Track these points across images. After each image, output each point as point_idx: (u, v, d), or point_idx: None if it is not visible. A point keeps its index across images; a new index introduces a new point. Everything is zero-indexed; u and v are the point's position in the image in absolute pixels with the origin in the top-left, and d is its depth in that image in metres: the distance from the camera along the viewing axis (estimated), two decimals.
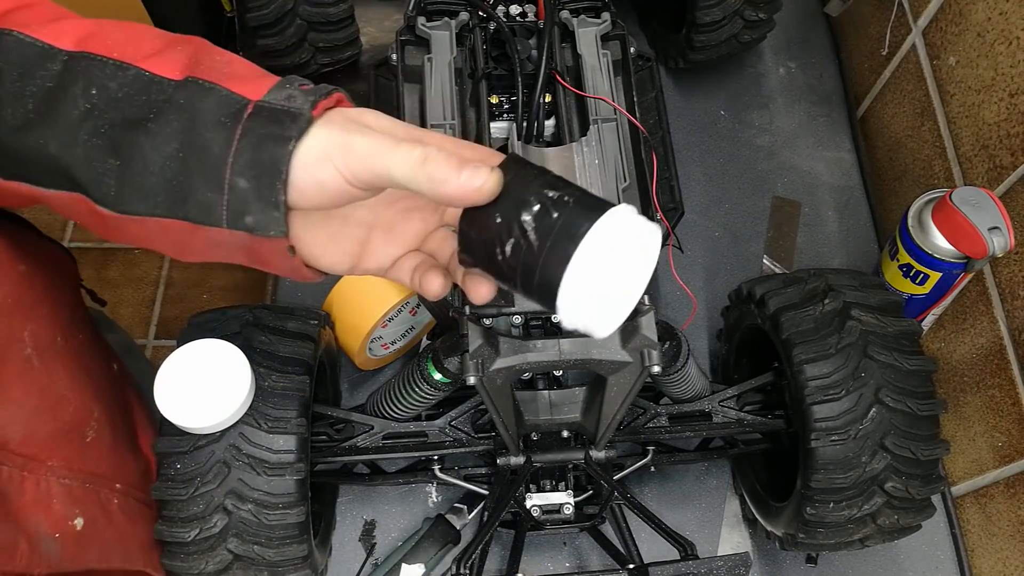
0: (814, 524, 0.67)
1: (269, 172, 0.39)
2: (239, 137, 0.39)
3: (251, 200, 0.39)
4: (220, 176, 0.39)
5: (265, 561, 0.63)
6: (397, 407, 0.68)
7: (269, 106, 0.39)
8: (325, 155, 0.39)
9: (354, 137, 0.39)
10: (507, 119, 0.76)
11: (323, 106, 0.40)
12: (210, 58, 0.42)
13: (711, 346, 0.91)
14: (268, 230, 0.40)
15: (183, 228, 0.40)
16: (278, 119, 0.39)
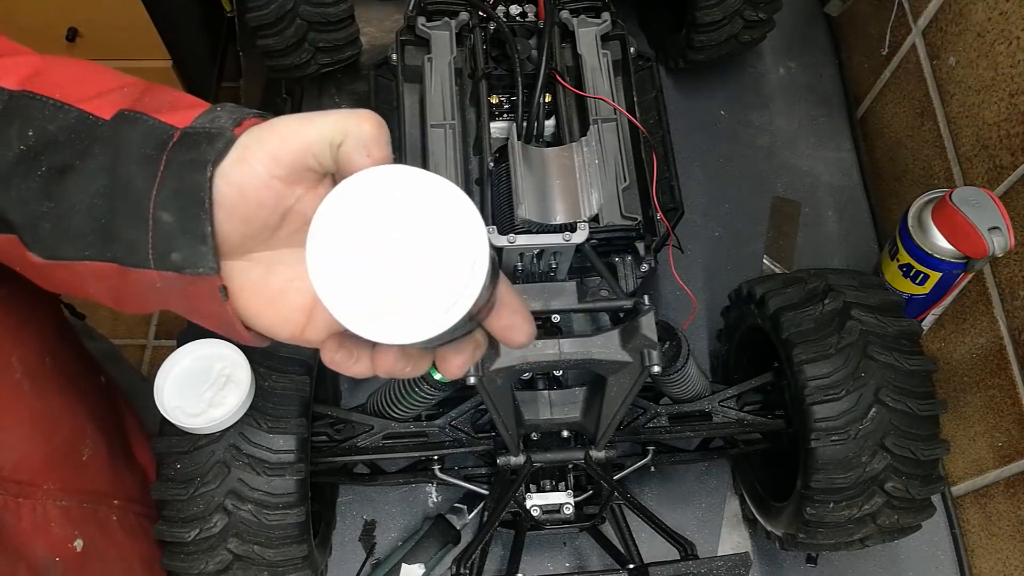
0: (814, 524, 0.67)
1: (192, 202, 0.36)
2: (163, 168, 0.36)
3: (176, 235, 0.36)
4: (144, 211, 0.36)
5: (265, 561, 0.62)
6: (397, 407, 0.68)
7: (193, 131, 0.37)
8: (242, 154, 0.36)
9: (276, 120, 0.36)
10: (507, 119, 0.76)
11: (249, 124, 0.37)
12: (152, 95, 0.39)
13: (711, 346, 0.91)
14: (196, 267, 0.37)
15: (113, 272, 0.38)
16: (197, 143, 0.36)
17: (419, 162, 0.74)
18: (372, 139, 0.35)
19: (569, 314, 0.69)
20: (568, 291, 0.64)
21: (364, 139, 0.35)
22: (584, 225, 0.66)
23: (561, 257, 0.68)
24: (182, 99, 0.39)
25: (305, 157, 0.36)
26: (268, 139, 0.36)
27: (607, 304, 0.64)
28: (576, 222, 0.67)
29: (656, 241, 0.71)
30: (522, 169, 0.68)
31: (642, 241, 0.69)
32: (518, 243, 0.65)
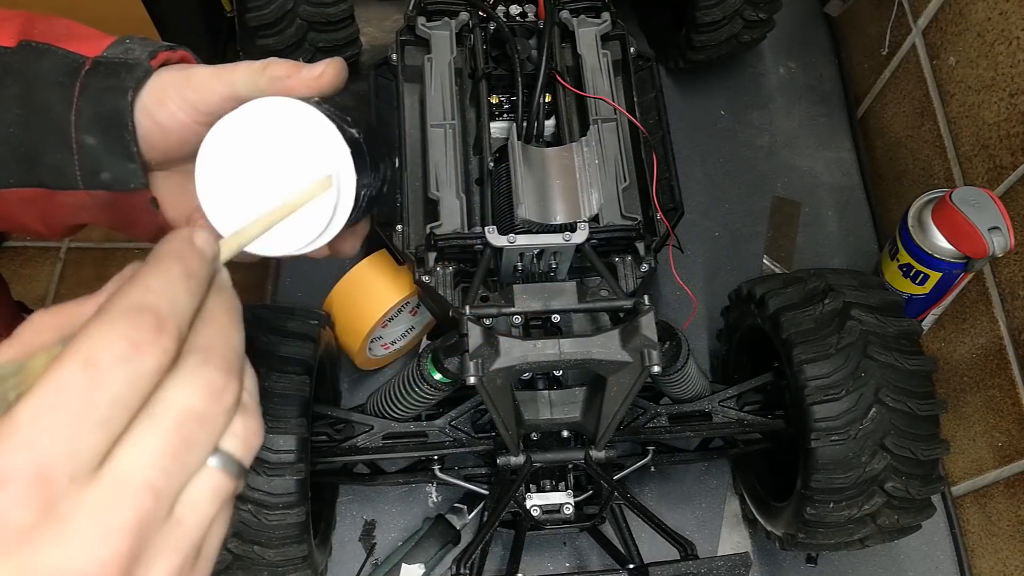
0: (814, 524, 0.67)
1: (115, 125, 0.38)
2: (78, 94, 0.38)
3: (102, 156, 0.39)
4: (67, 136, 0.38)
5: (265, 561, 0.62)
6: (397, 407, 0.68)
7: (107, 61, 0.39)
8: (161, 96, 0.38)
9: (192, 70, 0.39)
10: (507, 119, 0.76)
11: (164, 57, 0.40)
12: (45, 23, 0.41)
13: (711, 346, 0.91)
14: (127, 184, 0.39)
15: (41, 195, 0.40)
16: (115, 71, 0.38)
17: (419, 162, 0.74)
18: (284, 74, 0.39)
19: (569, 314, 0.69)
20: (568, 291, 0.64)
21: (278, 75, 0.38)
22: (584, 225, 0.66)
23: (561, 257, 0.68)
24: (76, 28, 0.41)
25: (223, 107, 0.38)
26: (185, 90, 0.38)
27: (607, 304, 0.64)
28: (576, 222, 0.67)
29: (656, 241, 0.71)
30: (522, 169, 0.68)
31: (642, 241, 0.69)
32: (518, 243, 0.65)
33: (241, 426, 0.28)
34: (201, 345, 0.27)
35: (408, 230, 0.72)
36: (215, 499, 0.27)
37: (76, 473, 0.24)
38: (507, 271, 0.69)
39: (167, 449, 0.25)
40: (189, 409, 0.26)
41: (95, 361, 0.24)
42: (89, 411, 0.24)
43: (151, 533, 0.25)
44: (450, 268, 0.69)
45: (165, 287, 0.27)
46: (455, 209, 0.69)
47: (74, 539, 0.23)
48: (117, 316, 0.25)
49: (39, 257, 1.37)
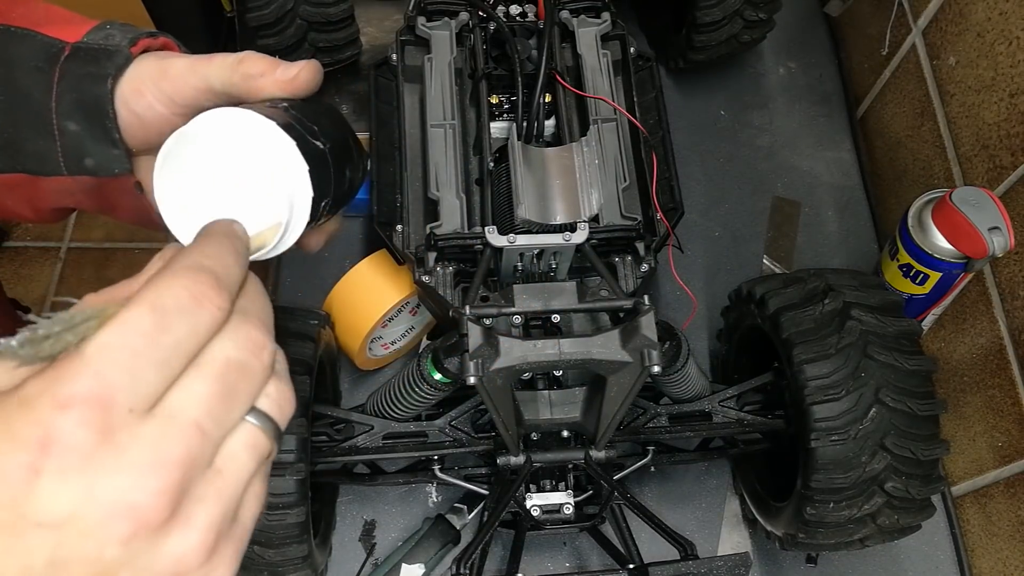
0: (814, 524, 0.67)
1: (97, 112, 0.38)
2: (58, 80, 0.38)
3: (86, 142, 0.39)
4: (48, 122, 0.38)
5: (265, 561, 0.62)
6: (397, 407, 0.68)
7: (86, 47, 0.39)
8: (138, 86, 0.38)
9: (169, 61, 0.39)
10: (507, 119, 0.76)
11: (145, 44, 0.39)
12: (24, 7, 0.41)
13: (711, 346, 0.91)
14: (111, 169, 0.39)
15: (25, 181, 0.40)
16: (95, 58, 0.38)
17: (419, 162, 0.74)
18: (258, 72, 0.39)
19: (569, 314, 0.69)
20: (568, 291, 0.64)
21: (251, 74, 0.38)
22: (584, 225, 0.66)
23: (561, 257, 0.68)
24: (56, 12, 0.41)
25: (199, 100, 0.39)
26: (161, 82, 0.39)
27: (607, 304, 0.64)
28: (576, 222, 0.67)
29: (656, 241, 0.71)
30: (522, 169, 0.68)
31: (642, 241, 0.69)
32: (518, 243, 0.65)
33: (275, 389, 0.30)
34: (243, 308, 0.30)
35: (408, 230, 0.72)
36: (253, 455, 0.29)
37: (135, 405, 0.26)
38: (507, 271, 0.69)
39: (213, 393, 0.27)
40: (233, 360, 0.28)
41: (161, 307, 0.27)
42: (151, 351, 0.26)
43: (196, 474, 0.27)
44: (450, 268, 0.69)
45: (220, 255, 0.30)
46: (455, 209, 0.69)
47: (130, 468, 0.25)
48: (181, 272, 0.28)
49: (39, 257, 1.37)
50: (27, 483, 0.24)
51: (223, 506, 0.28)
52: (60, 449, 0.24)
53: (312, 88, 0.41)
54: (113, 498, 0.25)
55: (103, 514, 0.25)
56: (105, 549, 0.25)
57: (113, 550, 0.25)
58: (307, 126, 0.38)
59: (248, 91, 0.39)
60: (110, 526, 0.25)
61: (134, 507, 0.25)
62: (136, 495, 0.25)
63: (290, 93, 0.40)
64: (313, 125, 0.39)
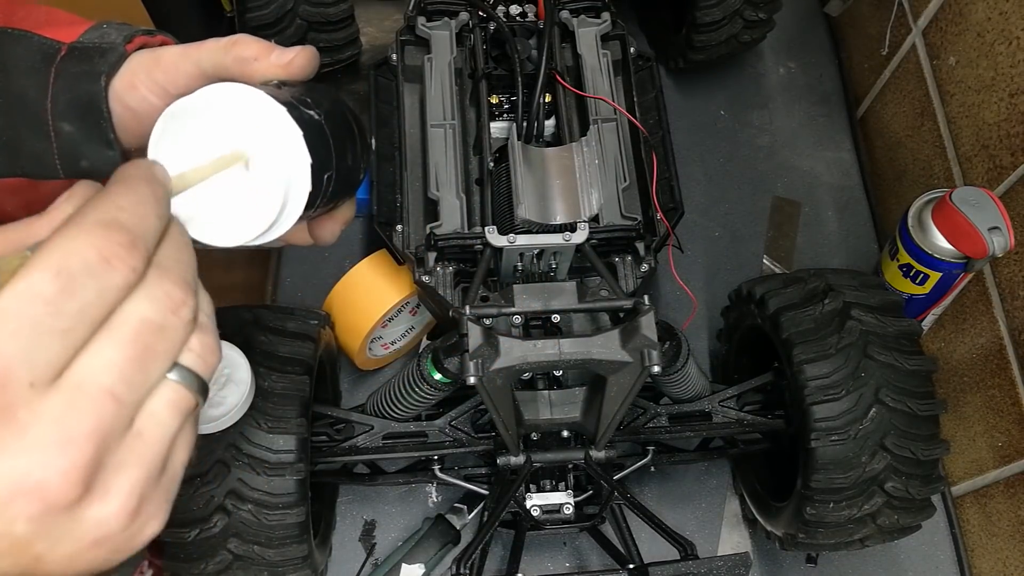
0: (814, 524, 0.67)
1: (91, 112, 0.37)
2: (53, 80, 0.37)
3: (81, 143, 0.38)
4: (44, 124, 0.38)
5: (265, 561, 0.62)
6: (397, 407, 0.68)
7: (81, 46, 0.38)
8: (132, 80, 0.38)
9: (161, 51, 0.38)
10: (507, 119, 0.76)
11: (141, 41, 0.39)
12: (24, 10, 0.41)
13: (711, 346, 0.91)
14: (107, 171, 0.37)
15: (24, 185, 0.39)
16: (89, 57, 0.38)
17: (419, 162, 0.74)
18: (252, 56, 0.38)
19: (569, 314, 0.69)
20: (568, 291, 0.64)
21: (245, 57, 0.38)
22: (584, 225, 0.66)
23: (561, 257, 0.68)
24: (56, 14, 0.41)
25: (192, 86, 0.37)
26: (154, 71, 0.38)
27: (607, 304, 0.64)
28: (576, 222, 0.67)
29: (656, 241, 0.71)
30: (522, 169, 0.68)
31: (642, 241, 0.69)
32: (518, 243, 0.65)
33: (198, 342, 0.29)
34: (159, 263, 0.28)
35: (408, 230, 0.72)
36: (176, 412, 0.28)
37: (36, 379, 0.24)
38: (507, 271, 0.69)
39: (127, 358, 0.26)
40: (148, 320, 0.26)
41: (66, 270, 0.24)
42: (54, 319, 0.24)
43: (112, 443, 0.25)
44: (450, 268, 0.69)
45: (136, 206, 0.27)
46: (455, 209, 0.69)
47: (33, 447, 0.24)
48: (90, 228, 0.26)
49: None
50: None
51: (146, 468, 0.27)
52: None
53: (308, 72, 0.40)
54: (16, 476, 0.23)
55: (7, 492, 0.23)
56: (14, 525, 0.24)
57: (22, 526, 0.24)
58: (299, 99, 0.37)
59: (242, 74, 0.38)
60: (16, 504, 0.24)
61: (40, 486, 0.24)
62: (41, 473, 0.24)
63: (285, 77, 0.39)
64: (306, 98, 0.38)
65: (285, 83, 0.39)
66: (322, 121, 0.38)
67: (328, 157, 0.38)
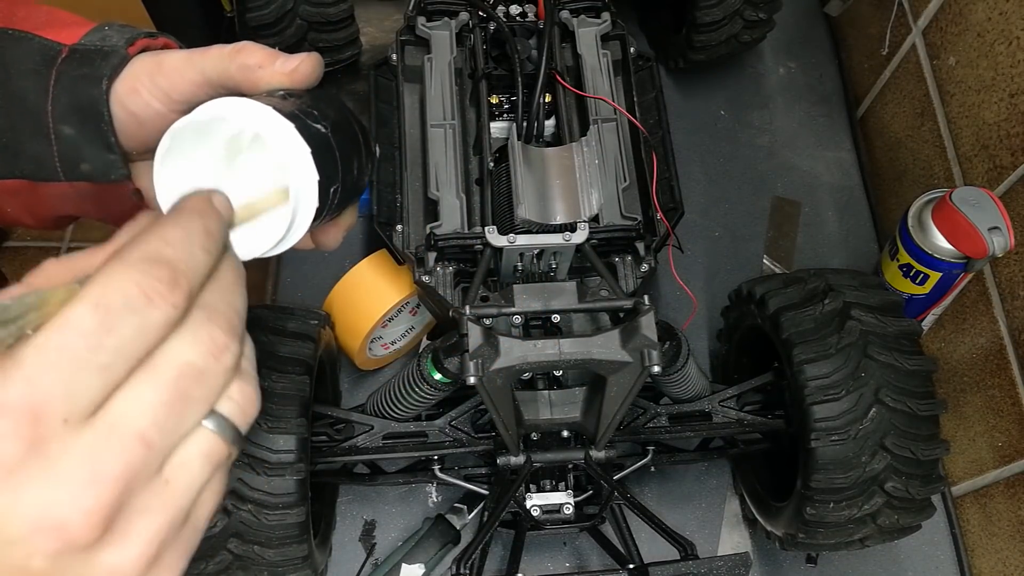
0: (814, 524, 0.67)
1: (92, 115, 0.37)
2: (54, 83, 0.37)
3: (82, 146, 0.38)
4: (44, 126, 0.37)
5: (265, 561, 0.62)
6: (397, 407, 0.68)
7: (83, 48, 0.38)
8: (134, 84, 0.37)
9: (164, 56, 0.38)
10: (507, 119, 0.76)
11: (143, 44, 0.38)
12: (25, 11, 0.40)
13: (711, 346, 0.91)
14: (108, 175, 0.38)
15: (24, 187, 0.39)
16: (90, 59, 0.37)
17: (419, 161, 0.74)
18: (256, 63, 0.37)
19: (569, 314, 0.69)
20: (568, 291, 0.64)
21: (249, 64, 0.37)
22: (584, 225, 0.66)
23: (561, 257, 0.68)
24: (58, 15, 0.40)
25: (196, 94, 0.37)
26: (157, 77, 0.37)
27: (607, 304, 0.64)
28: (576, 222, 0.67)
29: (656, 241, 0.71)
30: (522, 169, 0.68)
31: (642, 241, 0.69)
32: (518, 243, 0.65)
33: (238, 391, 0.28)
34: (207, 303, 0.27)
35: (408, 230, 0.72)
36: (208, 462, 0.27)
37: (70, 415, 0.24)
38: (507, 271, 0.69)
39: (163, 401, 0.25)
40: (189, 364, 0.26)
41: (106, 305, 0.24)
42: (92, 355, 0.24)
43: (138, 487, 0.25)
44: (450, 268, 0.69)
45: (184, 242, 0.27)
46: (455, 209, 0.69)
47: (59, 483, 0.23)
48: (133, 264, 0.25)
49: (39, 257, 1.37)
50: None
51: (169, 518, 0.26)
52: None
53: (313, 80, 0.39)
54: (38, 513, 0.23)
55: (28, 528, 0.23)
56: (31, 560, 0.24)
57: (40, 562, 0.24)
58: (306, 111, 0.37)
59: (246, 82, 0.38)
60: (35, 540, 0.23)
61: (62, 524, 0.23)
62: (63, 511, 0.23)
63: (290, 84, 0.39)
64: (312, 110, 0.38)
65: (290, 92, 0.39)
66: (329, 135, 0.38)
67: (335, 171, 0.38)
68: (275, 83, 0.38)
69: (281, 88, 0.39)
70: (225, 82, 0.38)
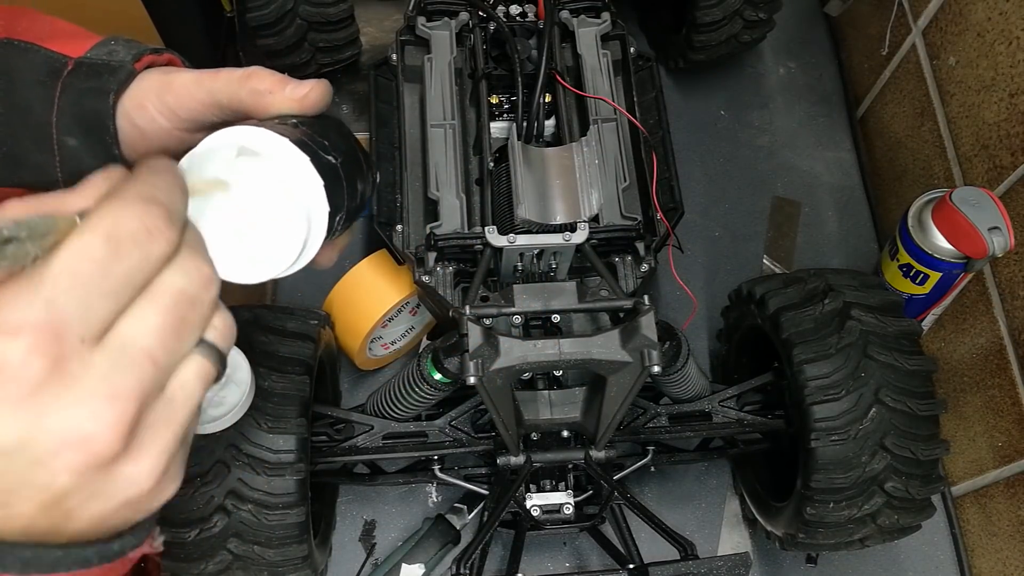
0: (814, 524, 0.67)
1: (97, 127, 0.38)
2: (59, 94, 0.38)
3: (85, 157, 0.38)
4: (48, 136, 0.38)
5: (265, 561, 0.62)
6: (397, 407, 0.68)
7: (89, 62, 0.39)
8: (142, 100, 0.38)
9: (174, 75, 0.39)
10: (507, 119, 0.76)
11: (149, 60, 0.39)
12: (28, 21, 0.41)
13: (711, 346, 0.91)
14: None
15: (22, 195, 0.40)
16: (97, 73, 0.38)
17: (419, 161, 0.74)
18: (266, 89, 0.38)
19: (569, 314, 0.69)
20: (568, 291, 0.64)
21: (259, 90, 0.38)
22: (584, 225, 0.66)
23: (561, 257, 0.68)
24: (61, 26, 0.41)
25: (203, 115, 0.38)
26: (166, 95, 0.38)
27: (607, 304, 0.64)
28: (576, 222, 0.67)
29: (656, 241, 0.71)
30: (522, 169, 0.68)
31: (642, 241, 0.69)
32: (518, 243, 0.65)
33: (220, 320, 0.30)
34: (189, 241, 0.30)
35: (408, 230, 0.72)
36: (201, 382, 0.29)
37: (86, 335, 0.25)
38: (507, 271, 0.69)
39: (166, 324, 0.27)
40: (184, 291, 0.28)
41: (116, 236, 0.26)
42: (103, 280, 0.26)
43: (150, 403, 0.27)
44: (450, 268, 0.69)
45: (168, 189, 0.29)
46: (455, 209, 0.69)
47: (82, 399, 0.25)
48: (134, 201, 0.27)
49: None
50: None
51: (175, 432, 0.28)
52: (8, 377, 0.24)
53: (322, 107, 0.40)
54: (66, 428, 0.24)
55: (55, 443, 0.24)
56: (57, 477, 0.25)
57: (65, 478, 0.25)
58: (318, 141, 0.37)
59: (256, 107, 0.38)
60: (62, 456, 0.25)
61: (88, 438, 0.25)
62: (90, 426, 0.25)
63: (299, 111, 0.39)
64: (324, 140, 0.38)
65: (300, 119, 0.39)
66: (339, 166, 0.38)
67: (341, 199, 0.38)
68: (284, 109, 0.39)
69: (291, 114, 0.39)
70: (234, 105, 0.38)
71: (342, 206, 0.39)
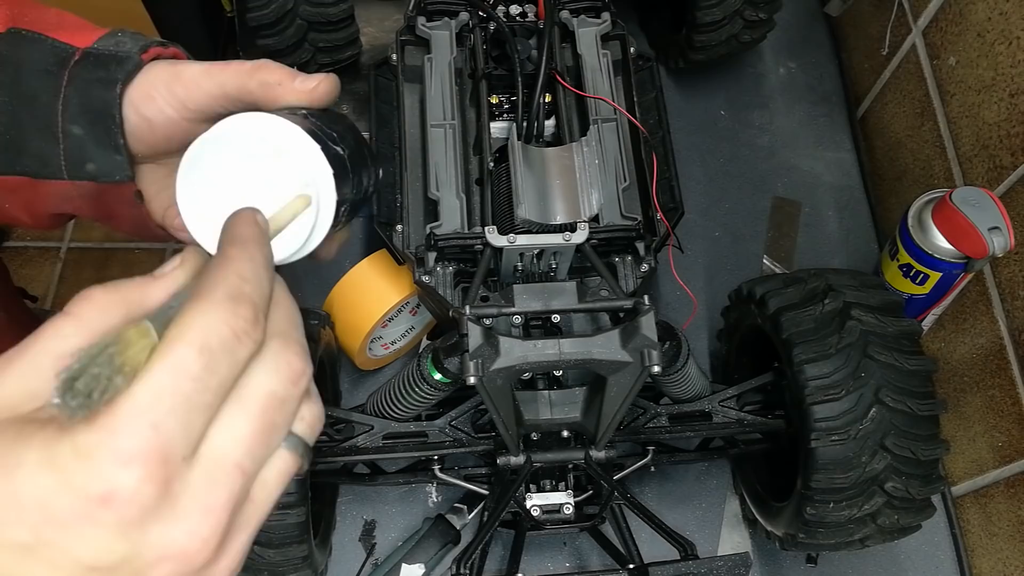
0: (814, 524, 0.67)
1: (102, 117, 0.38)
2: (66, 84, 0.38)
3: (89, 146, 0.38)
4: (53, 125, 0.38)
5: (265, 561, 0.62)
6: (397, 407, 0.68)
7: (96, 52, 0.39)
8: (149, 91, 0.38)
9: (183, 66, 0.39)
10: (507, 119, 0.76)
11: (155, 52, 0.39)
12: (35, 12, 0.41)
13: (711, 346, 0.91)
14: (113, 175, 0.39)
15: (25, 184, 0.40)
16: (105, 63, 0.38)
17: (419, 161, 0.74)
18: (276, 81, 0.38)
19: (569, 314, 0.69)
20: (568, 291, 0.64)
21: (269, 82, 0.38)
22: (584, 225, 0.66)
23: (561, 257, 0.68)
24: (67, 18, 0.41)
25: (212, 106, 0.38)
26: (174, 86, 0.38)
27: (607, 304, 0.64)
28: (576, 222, 0.67)
29: (656, 241, 0.71)
30: (522, 169, 0.68)
31: (642, 241, 0.69)
32: (518, 243, 0.65)
33: (308, 411, 0.30)
34: (279, 331, 0.29)
35: (408, 230, 0.72)
36: (282, 480, 0.29)
37: (187, 452, 0.25)
38: (507, 271, 0.69)
39: (254, 431, 0.27)
40: (273, 393, 0.27)
41: (209, 348, 0.26)
42: (200, 395, 0.25)
43: (237, 510, 0.27)
44: (450, 268, 0.69)
45: (255, 276, 0.28)
46: (455, 209, 0.69)
47: (181, 516, 0.25)
48: (221, 304, 0.27)
49: (39, 257, 1.37)
50: (83, 533, 0.24)
51: (252, 531, 0.28)
52: (122, 504, 0.24)
53: (331, 100, 0.40)
54: (166, 544, 0.25)
55: (155, 558, 0.25)
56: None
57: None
58: (327, 132, 0.38)
59: (265, 98, 0.39)
60: (160, 568, 0.25)
61: (184, 553, 0.25)
62: (186, 541, 0.25)
63: (308, 103, 0.39)
64: (332, 132, 0.38)
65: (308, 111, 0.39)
66: (346, 157, 0.38)
67: (348, 192, 0.39)
68: (293, 101, 0.39)
69: (299, 106, 0.39)
70: (244, 97, 0.39)
71: (348, 198, 0.39)
